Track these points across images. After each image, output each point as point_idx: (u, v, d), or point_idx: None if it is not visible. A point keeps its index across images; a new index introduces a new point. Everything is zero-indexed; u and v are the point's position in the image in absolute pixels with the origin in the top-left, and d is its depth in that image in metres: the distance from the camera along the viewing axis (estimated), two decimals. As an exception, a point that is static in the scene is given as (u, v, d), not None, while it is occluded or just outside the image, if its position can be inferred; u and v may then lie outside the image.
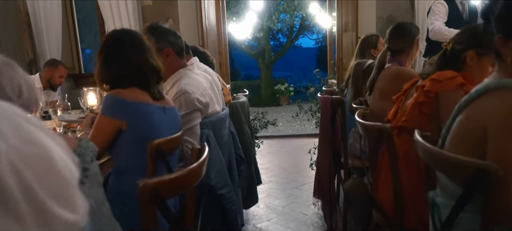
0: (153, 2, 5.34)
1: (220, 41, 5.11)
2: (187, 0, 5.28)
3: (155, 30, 2.29)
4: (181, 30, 5.32)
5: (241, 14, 10.35)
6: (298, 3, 11.47)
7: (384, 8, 5.17)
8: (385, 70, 2.64)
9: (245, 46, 13.94)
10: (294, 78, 28.66)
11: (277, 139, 6.78)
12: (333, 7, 5.76)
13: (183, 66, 2.36)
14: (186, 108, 2.16)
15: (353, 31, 5.09)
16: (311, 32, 15.55)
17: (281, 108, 13.06)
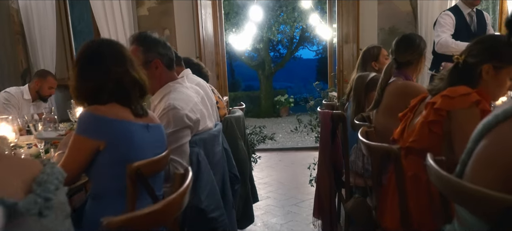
0: (149, 12, 5.17)
1: (217, 52, 4.94)
2: (184, 10, 5.11)
3: (143, 40, 2.10)
4: (178, 40, 5.16)
5: (241, 25, 10.21)
6: (298, 14, 11.32)
7: (386, 20, 5.00)
8: (391, 84, 2.44)
9: (245, 57, 13.78)
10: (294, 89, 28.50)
11: (276, 152, 6.57)
12: (333, 18, 5.59)
13: (172, 79, 2.17)
14: (175, 126, 1.97)
15: (354, 42, 4.91)
16: (311, 43, 15.40)
17: (281, 120, 12.87)
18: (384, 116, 2.41)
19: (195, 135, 2.09)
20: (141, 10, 5.16)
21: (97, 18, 4.98)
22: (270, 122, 12.51)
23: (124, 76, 1.62)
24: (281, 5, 11.48)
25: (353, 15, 4.90)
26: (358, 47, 4.87)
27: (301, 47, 15.16)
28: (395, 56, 2.48)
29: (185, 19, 5.13)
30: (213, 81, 5.09)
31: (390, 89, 2.43)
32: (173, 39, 5.17)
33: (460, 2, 3.85)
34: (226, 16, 10.92)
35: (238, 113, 3.07)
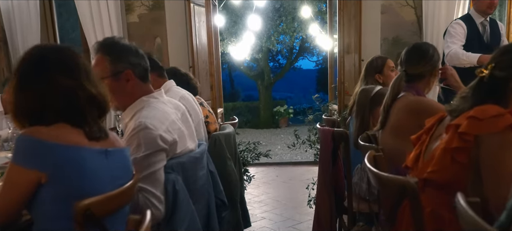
0: (139, 19, 4.87)
1: (211, 62, 4.62)
2: (177, 18, 4.81)
3: (110, 47, 1.77)
4: (169, 49, 4.86)
5: (240, 34, 9.93)
6: (298, 24, 11.05)
7: (389, 29, 4.70)
8: (400, 100, 2.12)
9: (244, 68, 13.49)
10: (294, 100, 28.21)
11: (273, 167, 6.22)
12: (334, 28, 5.29)
13: (146, 92, 1.84)
14: (146, 149, 1.64)
15: (356, 53, 4.60)
16: (311, 54, 15.11)
17: (280, 131, 12.54)
18: (392, 136, 2.08)
19: (172, 159, 1.77)
20: (131, 17, 4.85)
21: (84, 24, 4.67)
22: (268, 133, 12.19)
23: (77, 91, 1.30)
24: (280, 15, 11.21)
25: (355, 25, 4.59)
26: (360, 58, 4.56)
27: (301, 57, 14.86)
28: (405, 68, 2.16)
29: (177, 27, 4.83)
30: (207, 92, 4.77)
31: (400, 105, 2.10)
32: (164, 48, 4.87)
33: (472, 11, 3.55)
34: (225, 25, 10.64)
35: (229, 129, 2.74)
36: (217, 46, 5.36)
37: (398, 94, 2.14)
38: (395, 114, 2.09)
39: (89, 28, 4.63)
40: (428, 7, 4.56)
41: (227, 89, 21.76)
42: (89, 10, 4.60)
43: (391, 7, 4.68)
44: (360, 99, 2.51)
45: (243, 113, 13.66)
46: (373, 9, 4.66)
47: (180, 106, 1.98)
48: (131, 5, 4.83)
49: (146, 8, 4.84)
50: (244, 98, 24.85)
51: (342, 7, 4.50)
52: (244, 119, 13.55)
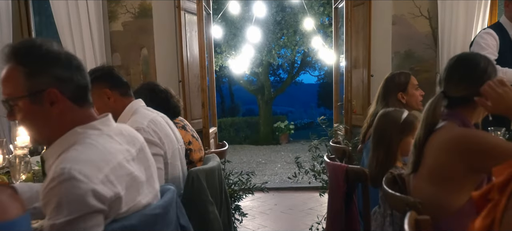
0: (124, 28, 4.32)
1: (203, 76, 4.06)
2: (166, 27, 4.26)
3: (27, 54, 1.20)
4: (157, 61, 4.30)
5: (239, 47, 9.41)
6: (299, 38, 10.52)
7: (401, 42, 4.14)
8: (439, 133, 1.52)
9: (244, 82, 12.94)
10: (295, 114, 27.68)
11: (271, 193, 5.58)
12: (340, 39, 4.73)
13: (82, 121, 1.26)
14: (69, 212, 1.06)
15: (365, 68, 4.04)
16: (313, 68, 14.58)
17: (280, 148, 11.93)
18: (429, 183, 1.49)
19: (115, 222, 1.18)
20: (115, 25, 4.30)
21: (61, 32, 4.12)
22: (268, 149, 11.59)
23: None
24: (282, 28, 10.69)
25: (363, 37, 4.04)
26: (369, 73, 4.00)
27: (303, 72, 14.33)
28: (445, 89, 1.57)
29: (166, 37, 4.28)
30: (198, 110, 4.20)
31: (439, 140, 1.51)
32: (151, 59, 4.31)
33: (503, 19, 2.99)
34: (224, 38, 10.12)
35: (212, 163, 2.16)
36: (211, 59, 4.81)
37: (435, 125, 1.55)
38: (433, 153, 1.50)
39: (66, 36, 4.09)
40: (444, 18, 4.01)
41: (227, 103, 21.25)
42: (66, 15, 4.06)
43: (403, 18, 4.13)
44: (382, 126, 1.93)
45: (242, 129, 13.08)
46: (383, 20, 4.11)
47: (136, 140, 1.40)
48: (115, 12, 4.29)
49: (131, 15, 4.29)
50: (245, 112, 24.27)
51: (349, 17, 3.94)
52: (243, 134, 12.98)
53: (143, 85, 2.45)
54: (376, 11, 4.03)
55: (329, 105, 25.08)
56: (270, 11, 10.13)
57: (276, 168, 8.82)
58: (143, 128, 1.75)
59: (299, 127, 17.43)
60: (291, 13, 10.30)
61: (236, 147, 12.18)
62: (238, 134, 13.02)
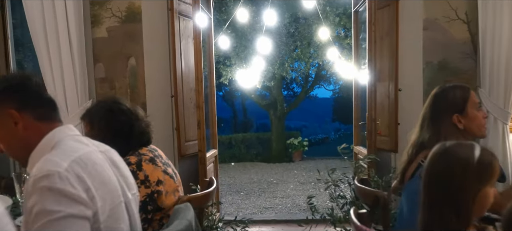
0: (109, 34, 3.71)
1: (198, 91, 3.40)
2: (157, 33, 3.64)
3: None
4: (146, 73, 3.67)
5: (250, 60, 8.77)
6: (314, 50, 9.83)
7: (434, 51, 3.43)
8: None
9: (256, 96, 12.25)
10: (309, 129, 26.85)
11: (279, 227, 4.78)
12: (361, 48, 4.03)
13: None
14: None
15: (391, 80, 3.33)
16: (327, 82, 13.83)
17: (293, 166, 11.17)
18: None
19: None
20: (98, 30, 3.69)
21: (35, 39, 3.52)
22: (281, 168, 10.84)
23: None
24: (295, 40, 10.01)
25: (389, 44, 3.34)
26: (396, 87, 3.29)
27: (317, 86, 13.57)
28: None
29: (157, 44, 3.65)
30: (193, 130, 3.53)
31: None
32: (140, 71, 3.68)
33: None
34: (234, 50, 9.49)
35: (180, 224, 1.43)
36: (211, 70, 4.16)
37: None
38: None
39: (40, 43, 3.48)
40: (486, 22, 3.31)
41: (240, 118, 20.56)
42: (41, 18, 3.47)
43: (437, 23, 3.42)
44: (445, 171, 1.20)
45: (253, 146, 12.37)
46: (413, 24, 3.41)
47: None
48: (98, 15, 3.68)
49: (117, 19, 3.68)
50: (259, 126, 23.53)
51: (373, 21, 3.24)
52: (254, 151, 12.27)
53: (98, 103, 1.79)
54: (404, 14, 3.33)
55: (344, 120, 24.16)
56: (282, 22, 9.48)
57: (288, 189, 8.08)
58: (59, 172, 1.07)
59: (313, 143, 16.62)
60: (305, 24, 9.62)
61: (247, 164, 11.49)
62: (249, 151, 12.32)
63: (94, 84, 3.71)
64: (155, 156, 1.80)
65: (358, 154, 3.70)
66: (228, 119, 23.15)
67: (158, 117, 3.66)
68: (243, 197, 7.35)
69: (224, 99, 19.16)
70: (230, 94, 16.75)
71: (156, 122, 3.77)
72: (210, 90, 4.09)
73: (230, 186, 8.48)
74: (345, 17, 8.55)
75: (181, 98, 3.51)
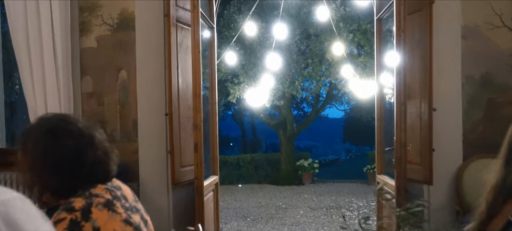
0: (98, 43, 3.22)
1: (196, 109, 2.87)
2: (152, 43, 3.15)
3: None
4: (139, 88, 3.18)
5: (259, 77, 8.27)
6: (326, 68, 9.30)
7: (475, 63, 2.88)
8: None
9: (265, 116, 11.70)
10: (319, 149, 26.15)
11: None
12: (382, 60, 3.49)
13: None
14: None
15: (424, 98, 2.78)
16: (339, 102, 13.25)
17: (303, 189, 10.54)
18: None
19: None
20: (87, 40, 3.22)
21: (16, 48, 3.06)
22: (290, 191, 10.21)
23: None
24: (306, 57, 9.49)
25: (421, 56, 2.80)
26: (430, 106, 2.73)
27: (328, 105, 13.00)
28: None
29: (152, 56, 3.16)
30: (190, 153, 2.99)
31: None
32: (131, 85, 3.19)
33: None
34: (243, 68, 9.00)
35: None
36: (213, 86, 3.64)
37: None
38: None
39: (22, 53, 3.01)
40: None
41: (249, 137, 20.00)
42: (23, 25, 3.02)
43: (478, 30, 2.88)
44: None
45: (262, 167, 11.78)
46: (449, 32, 2.88)
47: None
48: (88, 23, 3.21)
49: (108, 28, 3.20)
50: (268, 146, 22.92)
51: (401, 27, 2.70)
52: (263, 172, 11.68)
53: (39, 120, 1.26)
54: (439, 20, 2.80)
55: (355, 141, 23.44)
56: (293, 39, 8.99)
57: (298, 215, 7.46)
58: None
59: (323, 164, 15.97)
60: (317, 41, 9.11)
61: (255, 186, 10.88)
62: (257, 172, 11.73)
63: (80, 100, 3.22)
64: (115, 198, 1.25)
65: (384, 184, 3.12)
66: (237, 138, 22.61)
67: (150, 138, 3.15)
68: (250, 224, 6.75)
69: (233, 119, 18.67)
70: (239, 113, 16.24)
71: (148, 143, 3.28)
72: (211, 108, 3.57)
73: (236, 210, 7.90)
74: (359, 33, 8.04)
75: (176, 116, 3.00)
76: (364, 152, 21.40)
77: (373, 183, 11.24)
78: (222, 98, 11.11)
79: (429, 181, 2.76)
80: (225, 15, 8.81)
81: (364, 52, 8.75)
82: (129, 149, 3.18)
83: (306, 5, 8.59)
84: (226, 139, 23.83)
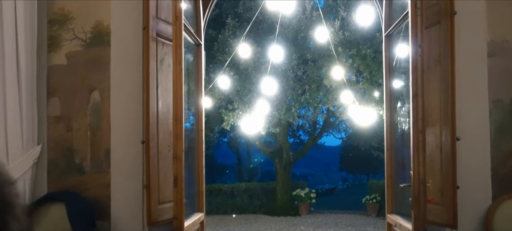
0: (69, 60, 2.78)
1: (177, 135, 2.40)
2: (128, 61, 2.72)
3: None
4: (113, 111, 2.73)
5: (254, 104, 7.83)
6: (324, 94, 8.88)
7: (504, 85, 2.47)
8: None
9: (260, 143, 11.19)
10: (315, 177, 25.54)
11: None
12: (394, 77, 3.06)
13: None
14: None
15: (446, 126, 2.33)
16: (336, 130, 12.77)
17: (300, 220, 9.96)
18: None
19: None
20: (56, 56, 2.78)
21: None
22: (286, 222, 9.64)
23: None
24: (303, 84, 9.08)
25: (441, 76, 2.38)
26: (453, 135, 2.29)
27: (325, 133, 12.51)
28: None
29: (128, 75, 2.72)
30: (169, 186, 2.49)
31: None
32: (105, 108, 2.73)
33: None
34: (237, 94, 8.56)
35: None
36: (199, 111, 3.18)
37: None
38: None
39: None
40: None
41: (245, 165, 19.39)
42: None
43: (507, 46, 2.47)
44: None
45: (257, 196, 11.20)
46: (473, 48, 2.47)
47: None
48: (57, 37, 2.78)
49: (81, 43, 2.76)
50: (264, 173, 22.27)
51: (418, 42, 2.28)
52: (258, 202, 11.10)
53: None
54: (462, 34, 2.38)
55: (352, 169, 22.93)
56: (289, 64, 8.60)
57: (295, 250, 6.88)
58: None
59: (320, 193, 15.36)
60: (314, 67, 8.72)
61: (249, 217, 10.30)
62: (252, 201, 11.15)
63: (46, 125, 2.75)
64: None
65: (395, 226, 2.63)
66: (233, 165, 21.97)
67: (125, 169, 2.68)
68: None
69: (228, 146, 18.14)
70: (234, 140, 15.69)
71: (122, 175, 2.77)
72: (197, 135, 3.09)
73: (230, 243, 7.32)
74: (359, 58, 7.65)
75: (155, 144, 2.52)
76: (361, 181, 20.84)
77: (372, 214, 10.75)
78: (216, 125, 10.64)
79: (453, 224, 2.28)
80: (219, 39, 8.43)
81: (363, 79, 8.35)
82: (100, 181, 2.70)
83: (303, 30, 8.24)
84: (221, 167, 23.21)
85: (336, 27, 7.59)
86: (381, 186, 11.72)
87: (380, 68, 7.89)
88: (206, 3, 3.28)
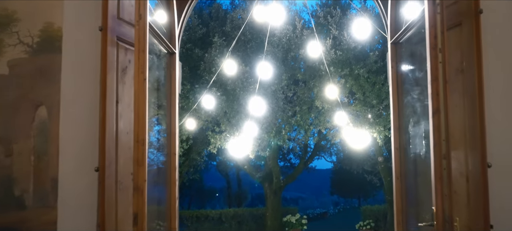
0: (11, 70, 2.27)
1: (138, 161, 1.87)
2: (82, 70, 2.21)
3: None
4: (63, 132, 2.21)
5: (242, 126, 7.33)
6: (315, 116, 8.41)
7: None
8: None
9: (249, 167, 10.64)
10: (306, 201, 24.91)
11: None
12: (404, 91, 2.58)
13: None
14: None
15: (474, 151, 1.85)
16: (328, 153, 12.28)
17: (291, 248, 9.33)
18: None
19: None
20: (-5, 65, 2.25)
21: None
22: (276, 251, 9.00)
23: None
24: (294, 105, 8.63)
25: (466, 89, 1.91)
26: (483, 161, 1.80)
27: (316, 157, 12.02)
28: None
29: (83, 88, 2.20)
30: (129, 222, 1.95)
31: None
32: (53, 128, 2.21)
33: None
34: (224, 115, 8.06)
35: None
36: (172, 131, 2.66)
37: None
38: None
39: None
40: None
41: (234, 189, 18.76)
42: None
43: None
44: None
45: (246, 222, 10.61)
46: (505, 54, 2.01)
47: None
48: None
49: (26, 49, 2.26)
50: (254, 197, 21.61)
51: (438, 46, 1.81)
52: (247, 229, 10.48)
53: None
54: (489, 37, 1.92)
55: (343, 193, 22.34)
56: (279, 85, 8.15)
57: None
58: None
59: (311, 218, 14.80)
60: (305, 88, 8.29)
61: (238, 246, 9.65)
62: (241, 228, 10.53)
63: (-20, 149, 2.20)
64: None
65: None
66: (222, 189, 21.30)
67: (75, 203, 2.14)
68: None
69: (218, 170, 17.53)
70: (223, 164, 15.11)
71: (72, 210, 2.21)
72: (169, 161, 2.55)
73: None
74: (351, 79, 7.23)
75: (112, 173, 1.99)
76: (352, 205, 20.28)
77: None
78: (204, 148, 10.11)
79: (487, 274, 1.77)
80: (206, 59, 7.97)
81: (356, 100, 7.93)
82: (45, 219, 2.15)
83: (293, 49, 7.84)
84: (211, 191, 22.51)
85: (328, 46, 7.19)
86: (375, 212, 11.26)
87: (373, 89, 7.48)
88: (182, 8, 2.80)
